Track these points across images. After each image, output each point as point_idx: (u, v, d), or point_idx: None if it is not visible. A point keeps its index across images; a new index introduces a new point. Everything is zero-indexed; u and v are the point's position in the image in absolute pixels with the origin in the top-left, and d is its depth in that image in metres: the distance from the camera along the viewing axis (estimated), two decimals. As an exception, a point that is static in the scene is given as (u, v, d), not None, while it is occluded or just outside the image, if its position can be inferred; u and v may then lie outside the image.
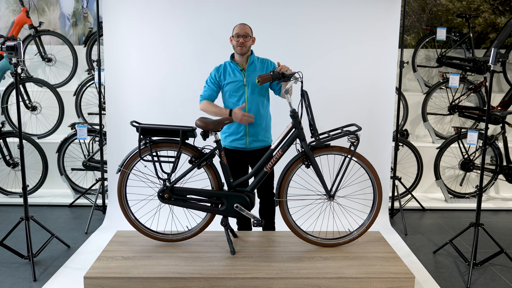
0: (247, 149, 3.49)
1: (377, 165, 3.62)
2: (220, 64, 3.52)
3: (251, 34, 3.43)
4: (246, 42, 3.38)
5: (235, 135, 3.47)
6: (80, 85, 5.44)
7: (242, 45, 3.37)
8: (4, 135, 5.08)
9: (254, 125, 3.44)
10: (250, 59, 3.47)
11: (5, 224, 4.42)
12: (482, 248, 3.93)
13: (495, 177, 5.21)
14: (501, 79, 5.99)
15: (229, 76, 3.45)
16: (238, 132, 3.46)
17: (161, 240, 3.38)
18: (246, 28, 3.41)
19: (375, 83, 4.35)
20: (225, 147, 3.54)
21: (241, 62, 3.46)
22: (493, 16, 6.05)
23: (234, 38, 3.40)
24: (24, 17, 5.59)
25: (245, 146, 3.48)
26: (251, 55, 3.49)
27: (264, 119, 3.49)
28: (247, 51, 3.42)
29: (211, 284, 2.90)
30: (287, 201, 3.25)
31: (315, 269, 2.99)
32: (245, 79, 3.41)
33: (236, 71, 3.44)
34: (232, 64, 3.47)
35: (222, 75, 3.47)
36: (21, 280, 3.32)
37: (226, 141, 3.52)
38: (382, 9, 4.26)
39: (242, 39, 3.37)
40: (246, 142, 3.46)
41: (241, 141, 3.47)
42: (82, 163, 5.00)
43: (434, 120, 5.77)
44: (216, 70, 3.50)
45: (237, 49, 3.40)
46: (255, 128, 3.46)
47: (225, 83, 3.46)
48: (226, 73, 3.47)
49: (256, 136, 3.47)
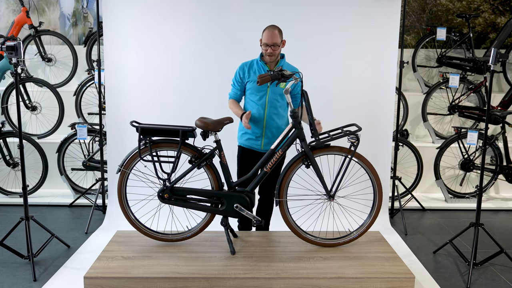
0: (261, 150, 3.49)
1: (377, 165, 3.61)
2: (247, 61, 3.49)
3: (279, 42, 3.33)
4: (274, 51, 3.32)
5: (250, 135, 3.47)
6: (80, 85, 5.44)
7: (271, 55, 3.34)
8: (4, 135, 5.08)
9: (272, 127, 3.43)
10: (280, 63, 3.44)
11: (5, 224, 4.42)
12: (482, 248, 3.93)
13: (495, 177, 5.21)
14: (501, 79, 5.99)
15: (254, 75, 3.42)
16: (255, 133, 3.45)
17: (161, 240, 3.38)
18: (274, 36, 3.29)
19: (375, 83, 4.35)
20: (240, 145, 3.54)
21: (270, 63, 3.43)
22: (493, 16, 6.05)
23: (263, 46, 3.35)
24: (24, 17, 5.58)
25: (260, 147, 3.48)
26: (281, 59, 3.46)
27: (283, 121, 3.49)
28: (275, 59, 3.40)
29: (211, 284, 2.90)
30: (287, 201, 3.25)
31: (315, 269, 2.99)
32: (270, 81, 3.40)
33: (262, 71, 3.41)
34: (260, 63, 3.44)
35: (247, 73, 3.44)
36: (21, 280, 3.32)
37: (242, 138, 3.52)
38: (382, 9, 4.26)
39: (271, 49, 3.31)
40: (261, 143, 3.46)
41: (256, 142, 3.47)
42: (82, 163, 5.00)
43: (434, 120, 5.77)
44: (240, 69, 3.48)
45: (266, 58, 3.38)
46: (272, 131, 3.45)
47: (249, 80, 3.44)
48: (252, 70, 3.44)
49: (273, 138, 3.45)
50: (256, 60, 3.48)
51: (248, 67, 3.46)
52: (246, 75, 3.45)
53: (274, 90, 3.40)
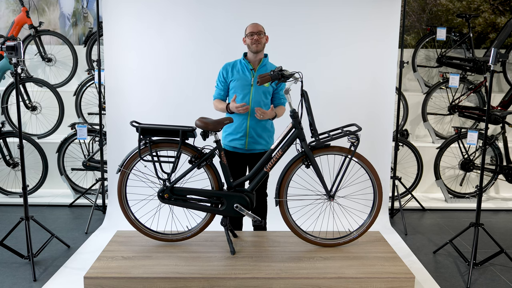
0: (245, 150, 3.49)
1: (377, 165, 3.61)
2: (230, 62, 3.53)
3: (264, 31, 3.44)
4: (260, 39, 3.39)
5: (234, 135, 3.47)
6: (80, 85, 5.44)
7: (257, 42, 3.38)
8: (4, 135, 5.08)
9: (256, 126, 3.44)
10: (263, 62, 3.47)
11: (5, 224, 4.42)
12: (482, 248, 3.93)
13: (495, 177, 5.21)
14: (501, 79, 5.99)
15: (237, 74, 3.45)
16: (239, 132, 3.45)
17: (161, 240, 3.38)
18: (259, 26, 3.43)
19: (375, 83, 4.35)
20: (224, 148, 3.53)
21: (254, 62, 3.46)
22: (493, 16, 6.05)
23: (248, 37, 3.41)
24: (24, 17, 5.58)
25: (244, 147, 3.47)
26: (265, 58, 3.49)
27: (267, 120, 3.49)
28: (262, 48, 3.43)
29: (211, 284, 2.90)
30: (287, 201, 3.25)
31: (315, 269, 2.99)
32: (253, 79, 3.42)
33: (246, 70, 3.45)
34: (244, 61, 3.48)
35: (230, 72, 3.47)
36: (21, 280, 3.32)
37: (226, 140, 3.52)
38: (382, 9, 4.26)
39: (257, 36, 3.38)
40: (245, 143, 3.46)
41: (240, 141, 3.46)
42: (82, 163, 5.00)
43: (434, 120, 5.77)
44: (224, 69, 3.51)
45: (252, 47, 3.40)
46: (256, 130, 3.45)
47: (232, 79, 3.46)
48: (235, 70, 3.47)
49: (257, 138, 3.46)
50: (239, 60, 3.51)
51: (231, 66, 3.49)
52: (229, 75, 3.47)
53: (258, 89, 3.41)
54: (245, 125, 3.43)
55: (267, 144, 3.53)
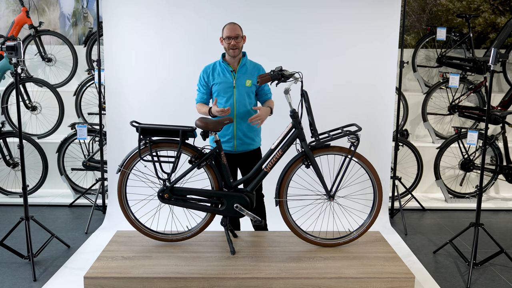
0: (235, 152, 3.47)
1: (377, 165, 3.62)
2: (209, 64, 3.48)
3: (241, 34, 3.37)
4: (238, 44, 3.33)
5: (222, 138, 3.44)
6: (80, 85, 5.44)
7: (235, 47, 3.33)
8: (4, 135, 5.08)
9: (242, 127, 3.42)
10: (242, 61, 3.43)
11: (5, 224, 4.42)
12: (482, 248, 3.93)
13: (495, 177, 5.21)
14: (501, 79, 5.99)
15: (218, 77, 3.41)
16: (226, 135, 3.43)
17: (161, 240, 3.38)
18: (236, 28, 3.34)
19: (375, 83, 4.35)
20: None
21: (233, 63, 3.42)
22: (493, 16, 6.05)
23: (225, 41, 3.34)
24: (24, 17, 5.58)
25: (233, 149, 3.45)
26: (243, 57, 3.45)
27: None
28: (239, 53, 3.39)
29: (211, 284, 2.90)
30: (287, 201, 3.25)
31: (315, 269, 2.99)
32: (235, 81, 3.38)
33: (226, 72, 3.41)
34: (223, 64, 3.43)
35: (210, 75, 3.43)
36: (21, 280, 3.32)
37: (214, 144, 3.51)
38: (382, 9, 4.26)
39: (234, 41, 3.31)
40: (233, 145, 3.44)
41: (228, 144, 3.45)
42: (82, 163, 5.00)
43: (434, 120, 5.77)
44: (204, 72, 3.46)
45: (230, 52, 3.34)
46: (243, 130, 3.43)
47: (214, 83, 3.42)
48: (215, 73, 3.43)
49: (244, 138, 3.44)
50: (218, 61, 3.46)
51: (211, 69, 3.44)
52: (210, 78, 3.43)
53: (241, 90, 3.38)
54: (232, 128, 3.41)
55: (255, 143, 3.52)
